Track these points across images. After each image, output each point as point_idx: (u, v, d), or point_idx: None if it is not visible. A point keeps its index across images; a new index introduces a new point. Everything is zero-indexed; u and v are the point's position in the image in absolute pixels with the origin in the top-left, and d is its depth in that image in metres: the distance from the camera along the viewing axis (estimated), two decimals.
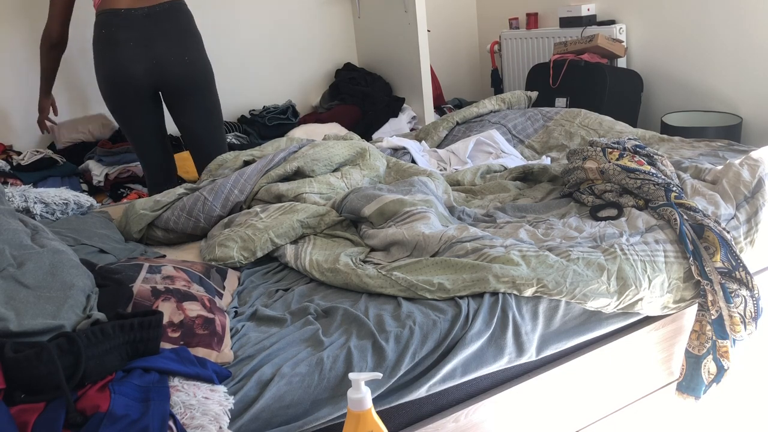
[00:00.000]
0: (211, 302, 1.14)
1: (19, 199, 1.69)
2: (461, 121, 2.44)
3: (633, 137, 1.90)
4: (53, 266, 1.02)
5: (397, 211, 1.49)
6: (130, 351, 0.91)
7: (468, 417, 1.19)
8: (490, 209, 1.64)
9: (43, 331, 0.89)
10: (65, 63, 2.97)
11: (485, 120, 2.40)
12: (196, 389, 0.91)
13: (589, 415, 1.36)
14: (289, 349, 1.08)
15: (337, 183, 1.75)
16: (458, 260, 1.27)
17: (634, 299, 1.29)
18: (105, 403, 0.82)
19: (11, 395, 0.80)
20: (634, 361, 1.39)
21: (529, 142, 2.26)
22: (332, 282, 1.32)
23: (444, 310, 1.17)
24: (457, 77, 4.23)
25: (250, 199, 1.71)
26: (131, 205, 1.70)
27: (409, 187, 1.64)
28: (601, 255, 1.30)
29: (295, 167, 1.77)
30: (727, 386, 1.43)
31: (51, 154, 2.79)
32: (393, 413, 1.13)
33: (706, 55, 2.97)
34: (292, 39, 3.55)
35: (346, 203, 1.57)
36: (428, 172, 1.82)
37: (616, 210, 1.52)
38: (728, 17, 2.83)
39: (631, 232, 1.41)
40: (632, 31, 3.27)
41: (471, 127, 2.38)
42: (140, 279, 1.14)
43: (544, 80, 3.26)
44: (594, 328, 1.30)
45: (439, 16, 4.04)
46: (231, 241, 1.48)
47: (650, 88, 3.25)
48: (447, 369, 1.12)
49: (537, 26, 3.72)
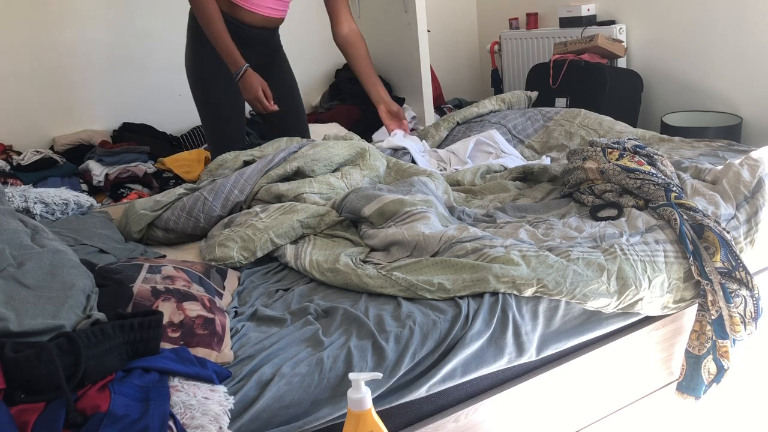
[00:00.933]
0: (211, 302, 1.14)
1: (19, 199, 1.69)
2: (461, 121, 2.44)
3: (633, 137, 1.90)
4: (53, 266, 1.02)
5: (397, 211, 1.49)
6: (130, 351, 0.91)
7: (468, 417, 1.19)
8: (490, 209, 1.64)
9: (43, 331, 0.89)
10: (67, 64, 2.98)
11: (485, 120, 2.40)
12: (196, 389, 0.91)
13: (589, 415, 1.36)
14: (289, 349, 1.08)
15: (337, 183, 1.75)
16: (458, 260, 1.27)
17: (634, 299, 1.29)
18: (105, 403, 0.82)
19: (11, 395, 0.80)
20: (634, 361, 1.39)
21: (529, 142, 2.26)
22: (332, 282, 1.32)
23: (444, 310, 1.17)
24: (457, 77, 4.23)
25: (250, 199, 1.71)
26: (131, 205, 1.70)
27: (409, 187, 1.64)
28: (601, 255, 1.30)
29: (295, 167, 1.77)
30: (727, 386, 1.43)
31: (51, 154, 2.79)
32: (393, 413, 1.13)
33: (706, 55, 2.97)
34: (292, 39, 3.55)
35: (346, 203, 1.57)
36: (428, 173, 1.82)
37: (616, 210, 1.52)
38: (728, 17, 2.83)
39: (631, 232, 1.41)
40: (632, 31, 3.27)
41: (471, 127, 2.38)
42: (140, 279, 1.14)
43: (544, 80, 3.26)
44: (594, 329, 1.30)
45: (439, 16, 4.04)
46: (231, 241, 1.48)
47: (650, 88, 3.25)
48: (447, 369, 1.12)
49: (537, 26, 3.73)
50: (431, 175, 1.79)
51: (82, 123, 3.08)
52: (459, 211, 1.62)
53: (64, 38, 2.95)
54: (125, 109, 3.15)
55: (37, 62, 2.92)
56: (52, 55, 2.95)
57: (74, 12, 2.96)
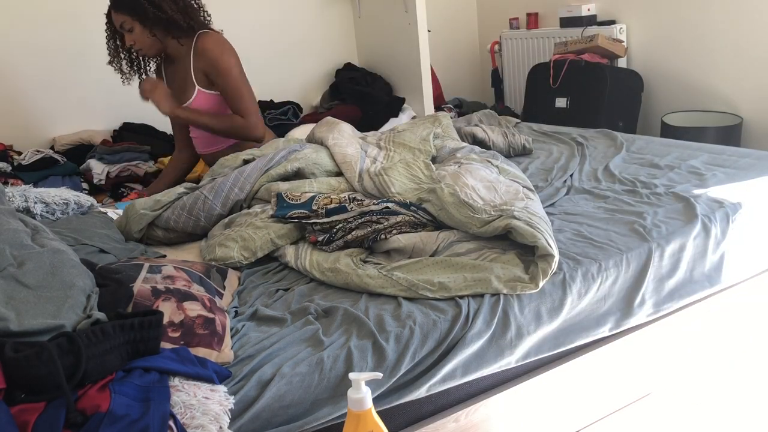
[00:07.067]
0: (212, 302, 1.14)
1: (20, 199, 1.69)
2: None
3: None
4: (53, 266, 1.02)
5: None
6: (131, 351, 0.91)
7: (468, 417, 1.19)
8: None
9: (44, 331, 0.89)
10: (67, 64, 2.97)
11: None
12: (196, 389, 0.91)
13: (590, 415, 1.36)
14: (289, 349, 1.08)
15: (338, 184, 1.75)
16: (459, 260, 1.27)
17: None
18: (105, 403, 0.82)
19: (11, 395, 0.80)
20: (633, 361, 1.39)
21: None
22: (332, 282, 1.32)
23: (444, 310, 1.17)
24: (457, 77, 4.23)
25: (250, 197, 1.71)
26: (131, 204, 1.70)
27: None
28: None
29: (296, 167, 1.77)
30: (727, 386, 1.43)
31: (51, 153, 2.79)
32: (393, 413, 1.13)
33: (706, 55, 2.97)
34: (292, 39, 3.55)
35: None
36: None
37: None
38: (728, 17, 2.83)
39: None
40: (632, 31, 3.27)
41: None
42: (140, 279, 1.14)
43: (544, 80, 3.26)
44: (594, 329, 1.30)
45: (440, 16, 4.04)
46: (231, 241, 1.48)
47: (650, 88, 3.25)
48: (447, 369, 1.12)
49: (537, 26, 3.72)
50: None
51: (82, 123, 3.08)
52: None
53: (64, 38, 2.95)
54: (125, 109, 3.14)
55: (37, 62, 2.91)
56: (52, 55, 2.95)
57: (74, 12, 2.96)
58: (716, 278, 1.47)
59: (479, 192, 1.50)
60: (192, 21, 2.20)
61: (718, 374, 1.55)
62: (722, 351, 1.55)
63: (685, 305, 1.44)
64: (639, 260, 1.33)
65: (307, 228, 1.50)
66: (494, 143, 2.16)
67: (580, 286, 1.25)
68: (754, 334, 1.60)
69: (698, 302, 1.47)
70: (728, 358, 1.57)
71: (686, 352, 1.48)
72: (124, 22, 2.16)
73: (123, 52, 2.32)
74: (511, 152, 2.16)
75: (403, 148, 1.93)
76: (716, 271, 1.46)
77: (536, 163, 2.05)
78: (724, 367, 1.56)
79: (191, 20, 2.20)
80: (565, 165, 1.98)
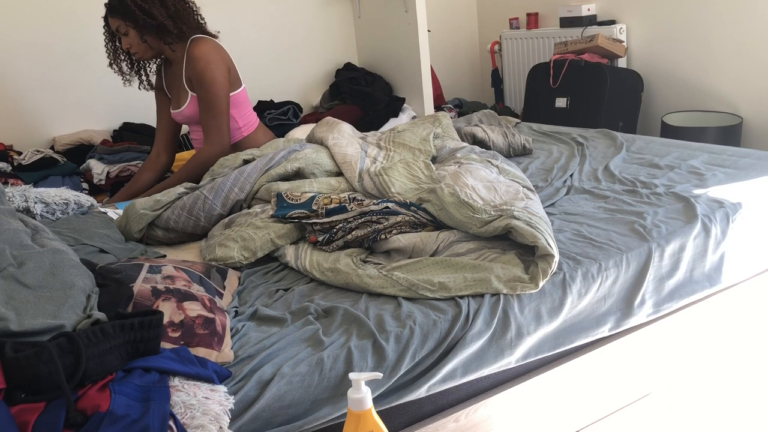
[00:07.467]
0: (212, 302, 1.14)
1: (20, 199, 1.69)
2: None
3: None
4: (53, 266, 1.02)
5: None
6: (131, 351, 0.91)
7: (468, 417, 1.19)
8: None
9: (44, 331, 0.89)
10: (67, 64, 2.97)
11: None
12: (196, 389, 0.91)
13: (590, 415, 1.36)
14: (289, 349, 1.08)
15: (338, 184, 1.75)
16: (459, 260, 1.27)
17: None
18: (105, 403, 0.82)
19: (11, 395, 0.80)
20: (633, 361, 1.39)
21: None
22: (333, 282, 1.32)
23: (444, 309, 1.17)
24: (457, 77, 4.23)
25: (250, 197, 1.71)
26: (131, 204, 1.70)
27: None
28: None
29: (296, 167, 1.77)
30: (727, 386, 1.43)
31: (51, 153, 2.79)
32: (393, 413, 1.13)
33: (706, 55, 2.97)
34: (292, 39, 3.55)
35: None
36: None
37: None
38: (728, 17, 2.83)
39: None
40: (632, 31, 3.27)
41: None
42: (140, 279, 1.14)
43: (544, 80, 3.26)
44: (594, 329, 1.30)
45: (440, 16, 4.04)
46: (231, 241, 1.48)
47: (650, 88, 3.25)
48: (447, 369, 1.12)
49: (537, 26, 3.73)
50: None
51: (82, 123, 3.08)
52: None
53: (64, 38, 2.95)
54: (125, 109, 3.14)
55: (37, 62, 2.91)
56: (52, 55, 2.95)
57: (74, 12, 2.96)
58: (716, 278, 1.47)
59: (479, 192, 1.50)
60: (184, 26, 2.20)
61: (718, 374, 1.55)
62: (722, 351, 1.55)
63: (685, 305, 1.44)
64: (639, 260, 1.33)
65: (307, 228, 1.50)
66: (494, 143, 2.16)
67: (580, 286, 1.25)
68: (754, 334, 1.60)
69: (698, 302, 1.47)
70: (728, 358, 1.57)
71: (686, 352, 1.48)
72: (119, 27, 2.18)
73: (122, 54, 2.32)
74: (511, 152, 2.17)
75: (403, 148, 1.93)
76: (716, 271, 1.47)
77: (536, 163, 2.05)
78: (724, 367, 1.56)
79: (183, 25, 2.20)
80: (565, 165, 1.98)
